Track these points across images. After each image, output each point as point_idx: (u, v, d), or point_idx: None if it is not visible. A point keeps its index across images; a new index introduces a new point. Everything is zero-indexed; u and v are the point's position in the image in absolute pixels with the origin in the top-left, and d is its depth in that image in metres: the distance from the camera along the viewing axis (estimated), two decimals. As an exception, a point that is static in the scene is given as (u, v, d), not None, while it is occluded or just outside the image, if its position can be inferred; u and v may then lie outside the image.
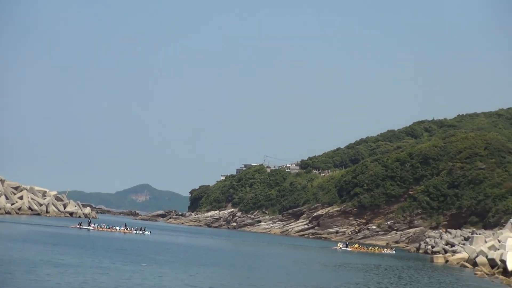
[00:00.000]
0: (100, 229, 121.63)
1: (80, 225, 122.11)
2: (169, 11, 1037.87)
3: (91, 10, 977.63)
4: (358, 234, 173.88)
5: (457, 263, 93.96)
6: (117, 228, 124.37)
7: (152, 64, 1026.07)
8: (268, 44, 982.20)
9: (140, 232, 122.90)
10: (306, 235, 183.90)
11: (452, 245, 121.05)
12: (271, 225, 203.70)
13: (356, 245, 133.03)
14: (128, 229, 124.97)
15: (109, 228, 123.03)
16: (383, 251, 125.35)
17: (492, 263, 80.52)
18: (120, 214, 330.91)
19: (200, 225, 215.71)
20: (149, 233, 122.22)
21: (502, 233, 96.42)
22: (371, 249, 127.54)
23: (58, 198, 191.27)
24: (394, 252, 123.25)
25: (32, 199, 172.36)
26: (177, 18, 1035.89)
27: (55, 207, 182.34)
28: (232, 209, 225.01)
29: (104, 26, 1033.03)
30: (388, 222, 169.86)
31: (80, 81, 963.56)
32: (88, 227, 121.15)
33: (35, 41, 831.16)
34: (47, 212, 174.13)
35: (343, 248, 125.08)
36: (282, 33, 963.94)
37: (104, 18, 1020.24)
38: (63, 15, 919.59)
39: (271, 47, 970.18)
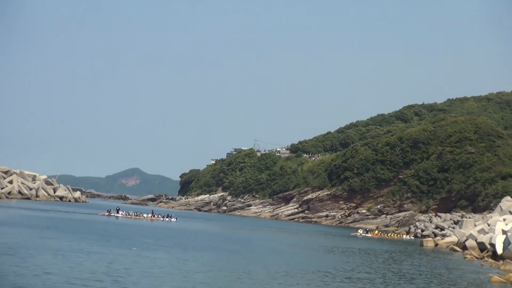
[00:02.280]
0: (128, 216, 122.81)
1: (109, 212, 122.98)
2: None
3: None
4: (348, 218, 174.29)
5: (447, 247, 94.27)
6: (145, 215, 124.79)
7: (142, 48, 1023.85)
8: (258, 28, 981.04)
9: (167, 219, 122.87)
10: (296, 219, 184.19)
11: (442, 229, 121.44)
12: (261, 209, 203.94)
13: (376, 232, 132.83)
14: (155, 216, 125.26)
15: (136, 215, 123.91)
16: (402, 237, 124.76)
17: (481, 246, 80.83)
18: (110, 198, 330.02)
19: (190, 209, 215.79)
20: (175, 220, 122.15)
21: (491, 217, 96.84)
22: (390, 235, 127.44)
23: (48, 182, 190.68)
24: (413, 238, 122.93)
25: (22, 183, 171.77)
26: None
27: (45, 191, 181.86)
28: (222, 193, 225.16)
29: (96, 10, 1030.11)
30: (378, 206, 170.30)
31: (70, 66, 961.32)
32: (117, 215, 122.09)
33: (25, 25, 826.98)
34: (37, 196, 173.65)
35: (363, 234, 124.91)
36: (271, 16, 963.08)
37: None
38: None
39: (261, 31, 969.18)
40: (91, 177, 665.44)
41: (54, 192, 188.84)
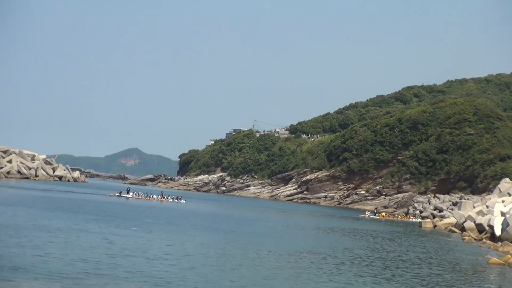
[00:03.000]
0: (139, 197, 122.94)
1: (120, 193, 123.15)
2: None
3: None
4: (347, 199, 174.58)
5: (445, 228, 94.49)
6: (155, 196, 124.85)
7: (141, 28, 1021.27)
8: (259, 9, 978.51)
9: (176, 200, 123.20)
10: (295, 200, 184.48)
11: (440, 210, 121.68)
12: (260, 189, 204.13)
13: (383, 213, 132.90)
14: (165, 197, 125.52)
15: (147, 197, 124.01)
16: (409, 219, 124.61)
17: (480, 228, 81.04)
18: (109, 178, 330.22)
19: (189, 189, 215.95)
20: (184, 201, 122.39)
21: (490, 199, 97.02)
22: (397, 217, 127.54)
23: (47, 162, 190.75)
24: (420, 220, 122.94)
25: (21, 163, 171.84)
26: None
27: (44, 171, 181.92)
28: (221, 174, 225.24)
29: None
30: (377, 187, 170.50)
31: (69, 45, 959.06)
32: (127, 196, 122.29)
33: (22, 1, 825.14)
34: (36, 176, 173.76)
35: (371, 216, 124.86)
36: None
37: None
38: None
39: (262, 12, 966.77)
40: (90, 157, 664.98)
41: (53, 172, 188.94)
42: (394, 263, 47.24)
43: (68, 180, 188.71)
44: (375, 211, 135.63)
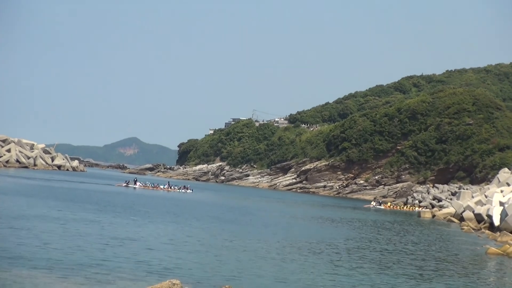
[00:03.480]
0: (146, 187, 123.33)
1: (127, 183, 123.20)
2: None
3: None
4: (346, 188, 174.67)
5: (444, 218, 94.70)
6: (162, 186, 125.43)
7: (140, 18, 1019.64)
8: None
9: (183, 190, 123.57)
10: (294, 189, 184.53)
11: (439, 200, 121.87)
12: (259, 179, 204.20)
13: (389, 204, 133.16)
14: (172, 187, 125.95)
15: (154, 187, 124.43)
16: (414, 209, 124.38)
17: (478, 218, 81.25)
18: (108, 167, 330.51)
19: (188, 179, 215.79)
20: (191, 191, 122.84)
21: (489, 189, 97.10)
22: (402, 207, 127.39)
23: (46, 151, 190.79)
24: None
25: (20, 152, 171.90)
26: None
27: (43, 160, 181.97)
28: (220, 163, 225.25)
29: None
30: (376, 177, 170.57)
31: (67, 35, 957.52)
32: (134, 186, 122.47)
33: None
34: (34, 165, 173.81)
35: (376, 206, 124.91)
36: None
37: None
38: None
39: (260, 1, 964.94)
40: (89, 146, 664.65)
41: (52, 161, 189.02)
42: (392, 253, 47.33)
43: (67, 169, 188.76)
44: (380, 201, 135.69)
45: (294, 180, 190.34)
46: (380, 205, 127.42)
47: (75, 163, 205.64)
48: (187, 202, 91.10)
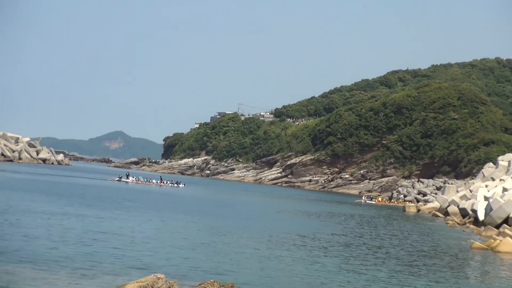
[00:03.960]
0: (139, 182, 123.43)
1: (120, 178, 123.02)
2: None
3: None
4: (331, 182, 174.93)
5: (429, 213, 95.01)
6: (154, 181, 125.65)
7: (127, 14, 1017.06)
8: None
9: (175, 185, 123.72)
10: (279, 184, 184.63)
11: (424, 195, 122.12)
12: (245, 173, 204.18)
13: (380, 198, 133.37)
14: (164, 182, 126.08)
15: (147, 181, 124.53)
16: (405, 204, 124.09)
17: (463, 212, 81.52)
18: (93, 161, 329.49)
19: (173, 173, 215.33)
20: (183, 186, 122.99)
21: (473, 183, 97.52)
22: (393, 202, 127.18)
23: (31, 145, 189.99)
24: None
25: (4, 145, 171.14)
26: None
27: (28, 153, 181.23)
28: (206, 157, 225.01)
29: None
30: (361, 171, 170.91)
31: (54, 29, 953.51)
32: (127, 180, 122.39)
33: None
34: (19, 158, 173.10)
35: (367, 201, 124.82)
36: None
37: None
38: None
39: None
40: (74, 140, 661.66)
41: (37, 155, 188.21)
42: (376, 248, 47.37)
43: (52, 163, 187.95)
44: (371, 196, 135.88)
45: (279, 174, 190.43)
46: (371, 200, 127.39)
47: (60, 156, 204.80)
48: (173, 196, 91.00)
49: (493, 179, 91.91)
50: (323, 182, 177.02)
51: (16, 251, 30.86)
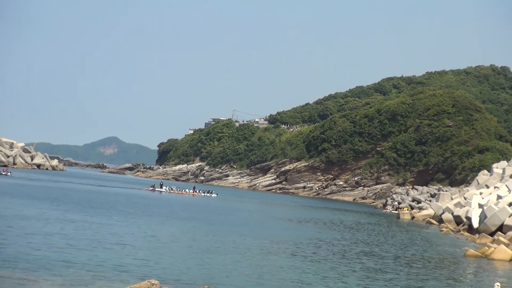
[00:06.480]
0: (171, 191, 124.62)
1: (154, 187, 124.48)
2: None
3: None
4: (326, 189, 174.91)
5: (423, 220, 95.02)
6: (187, 190, 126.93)
7: (121, 18, 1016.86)
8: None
9: (208, 194, 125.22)
10: (273, 190, 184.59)
11: (419, 202, 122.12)
12: (239, 179, 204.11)
13: (405, 208, 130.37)
14: (197, 191, 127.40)
15: (179, 191, 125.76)
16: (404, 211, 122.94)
17: (457, 220, 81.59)
18: (87, 166, 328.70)
19: (168, 179, 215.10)
20: (216, 195, 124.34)
21: (468, 191, 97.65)
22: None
23: (25, 150, 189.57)
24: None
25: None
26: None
27: (22, 159, 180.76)
28: (200, 163, 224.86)
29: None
30: (355, 178, 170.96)
31: (49, 34, 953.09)
32: (161, 190, 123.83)
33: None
34: (14, 163, 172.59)
35: (392, 211, 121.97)
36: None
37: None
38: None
39: (241, 2, 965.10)
40: (69, 145, 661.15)
41: (32, 160, 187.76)
42: (370, 255, 47.32)
43: (47, 169, 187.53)
44: (396, 207, 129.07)
45: (273, 181, 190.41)
46: (396, 210, 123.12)
47: (55, 162, 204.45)
48: (171, 202, 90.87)
49: (487, 187, 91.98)
50: (317, 188, 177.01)
51: (11, 258, 30.74)
